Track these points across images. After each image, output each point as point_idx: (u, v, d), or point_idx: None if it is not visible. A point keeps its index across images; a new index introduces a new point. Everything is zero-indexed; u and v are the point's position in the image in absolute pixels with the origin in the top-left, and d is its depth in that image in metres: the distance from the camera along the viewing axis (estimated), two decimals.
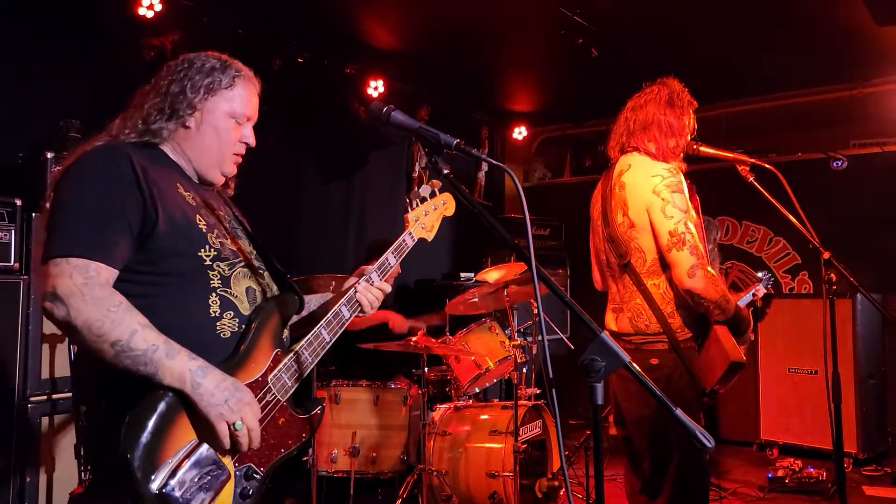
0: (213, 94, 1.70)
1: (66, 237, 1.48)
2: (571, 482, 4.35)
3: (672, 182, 2.41)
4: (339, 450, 3.73)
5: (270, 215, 4.90)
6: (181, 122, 1.68)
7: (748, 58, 5.27)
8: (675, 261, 2.36)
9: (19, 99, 3.61)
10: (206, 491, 1.45)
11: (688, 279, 2.33)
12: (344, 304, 1.83)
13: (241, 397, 1.52)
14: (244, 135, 1.76)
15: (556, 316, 5.72)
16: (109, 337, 1.43)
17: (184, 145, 1.71)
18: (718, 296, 2.36)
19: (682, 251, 2.35)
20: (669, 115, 2.53)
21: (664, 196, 2.38)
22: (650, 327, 2.46)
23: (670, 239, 2.37)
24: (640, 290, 2.48)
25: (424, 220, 2.07)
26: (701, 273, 2.33)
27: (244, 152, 1.80)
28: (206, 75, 1.70)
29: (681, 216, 2.37)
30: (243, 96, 1.75)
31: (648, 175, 2.44)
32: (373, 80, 5.30)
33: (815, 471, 4.59)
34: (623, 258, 2.52)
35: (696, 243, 2.35)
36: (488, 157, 1.69)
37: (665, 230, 2.38)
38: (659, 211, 2.39)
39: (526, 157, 7.58)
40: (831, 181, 5.52)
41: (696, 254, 2.34)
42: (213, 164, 1.74)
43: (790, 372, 5.31)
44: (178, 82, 1.68)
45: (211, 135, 1.71)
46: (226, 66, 1.74)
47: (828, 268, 2.68)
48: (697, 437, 1.30)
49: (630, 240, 2.48)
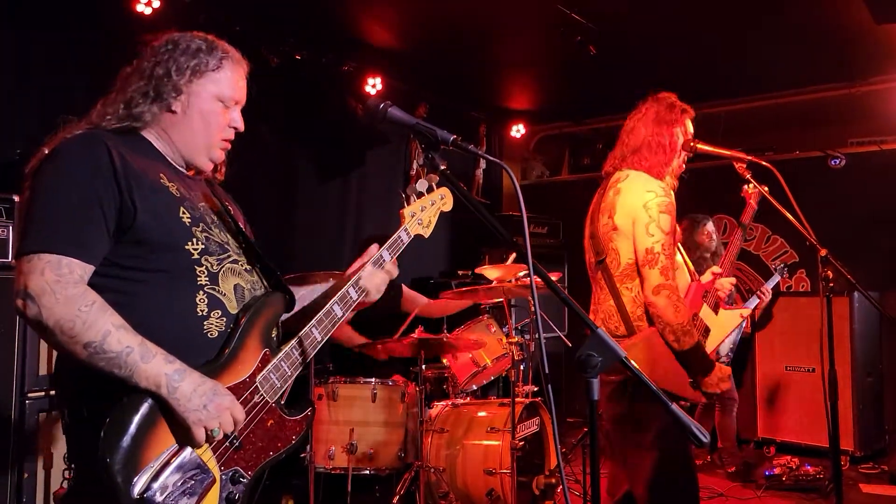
0: (200, 76, 1.62)
1: (39, 232, 1.42)
2: (568, 479, 4.36)
3: (663, 202, 2.43)
4: (336, 447, 3.73)
5: (267, 213, 4.90)
6: (166, 105, 1.61)
7: (746, 56, 5.28)
8: (645, 276, 2.40)
9: (17, 95, 3.61)
10: (189, 496, 1.40)
11: (651, 295, 2.36)
12: (336, 302, 1.74)
13: (219, 402, 1.45)
14: (232, 119, 1.68)
15: (554, 314, 5.72)
16: (81, 338, 1.37)
17: (170, 131, 1.63)
18: (676, 322, 2.34)
19: (654, 269, 2.38)
20: (658, 134, 2.55)
21: (652, 214, 2.41)
22: (619, 330, 2.48)
23: (645, 255, 2.40)
24: (612, 293, 2.51)
25: (421, 215, 1.96)
26: (666, 293, 2.35)
27: (233, 137, 1.72)
28: (192, 57, 1.63)
29: (661, 237, 2.39)
30: (231, 78, 1.67)
31: (644, 189, 2.47)
32: (371, 78, 5.30)
33: (813, 468, 4.61)
34: (599, 255, 2.56)
35: (668, 266, 2.38)
36: (485, 154, 1.68)
37: (643, 246, 2.41)
38: (643, 226, 2.42)
39: (524, 156, 7.58)
40: (829, 179, 5.52)
41: (665, 275, 2.37)
42: (201, 150, 1.67)
43: (787, 370, 5.32)
44: (163, 64, 1.61)
45: (198, 119, 1.63)
46: (212, 48, 1.66)
47: (825, 265, 2.69)
48: (693, 434, 1.30)
49: (609, 240, 2.51)
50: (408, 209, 1.92)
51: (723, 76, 5.61)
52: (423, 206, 1.97)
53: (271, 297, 1.68)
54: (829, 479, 4.42)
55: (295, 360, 1.66)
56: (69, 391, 1.52)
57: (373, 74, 5.30)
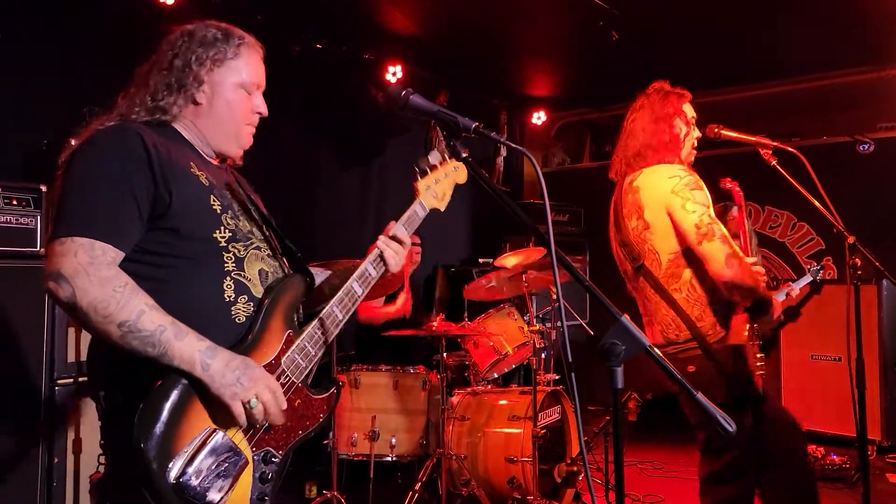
0: (220, 65, 1.65)
1: (72, 217, 1.44)
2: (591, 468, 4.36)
3: (690, 181, 2.38)
4: (358, 433, 3.76)
5: (287, 202, 4.92)
6: (190, 96, 1.63)
7: (773, 40, 5.17)
8: (709, 253, 2.31)
9: (43, 87, 3.66)
10: (224, 478, 1.43)
11: (727, 270, 2.27)
12: (356, 280, 1.74)
13: (252, 374, 1.47)
14: (256, 104, 1.71)
15: (576, 302, 5.70)
16: (116, 318, 1.39)
17: (197, 122, 1.66)
18: (755, 282, 2.31)
19: (714, 241, 2.30)
20: (658, 132, 2.50)
21: (683, 195, 2.35)
22: (680, 336, 2.42)
23: (698, 231, 2.31)
24: (664, 299, 2.44)
25: (436, 188, 1.90)
26: (737, 262, 2.28)
27: (257, 122, 1.75)
28: (210, 46, 1.65)
29: (704, 209, 2.33)
30: (250, 64, 1.69)
31: (665, 177, 2.41)
32: (391, 66, 5.29)
33: (839, 458, 4.55)
34: (636, 261, 2.49)
35: (724, 233, 2.32)
36: (507, 141, 1.67)
37: (691, 224, 2.33)
38: (680, 208, 2.35)
39: (545, 143, 7.54)
40: (858, 165, 5.42)
41: (727, 243, 2.30)
42: (231, 138, 1.70)
43: (813, 359, 5.25)
44: (181, 56, 1.63)
45: (224, 109, 1.66)
46: (228, 35, 1.68)
47: (853, 253, 2.64)
48: (719, 423, 1.29)
49: (643, 242, 2.45)
50: (422, 182, 1.87)
51: (748, 60, 5.51)
52: (437, 179, 1.91)
53: (292, 279, 1.70)
54: (856, 469, 4.37)
55: (318, 339, 1.68)
56: (103, 377, 1.54)
57: (393, 62, 5.29)
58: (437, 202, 1.92)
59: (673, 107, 2.52)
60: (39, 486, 2.86)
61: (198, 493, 1.38)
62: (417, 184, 1.87)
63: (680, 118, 2.52)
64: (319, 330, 1.68)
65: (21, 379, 2.86)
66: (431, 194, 1.90)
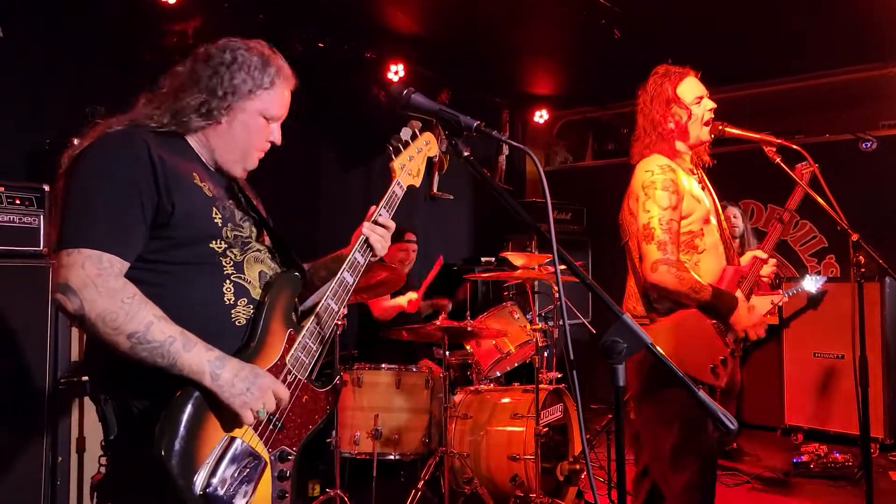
0: (252, 95, 1.65)
1: (79, 226, 1.44)
2: (593, 465, 4.36)
3: (659, 179, 2.41)
4: (361, 432, 3.77)
5: (290, 200, 4.93)
6: (214, 119, 1.63)
7: (775, 38, 5.17)
8: (642, 254, 2.40)
9: (45, 87, 3.66)
10: (247, 483, 1.47)
11: (651, 273, 2.35)
12: (346, 270, 1.75)
13: (261, 383, 1.50)
14: (272, 133, 1.72)
15: (578, 300, 5.70)
16: (125, 329, 1.40)
17: (211, 138, 1.66)
18: (685, 288, 2.34)
19: (650, 245, 2.37)
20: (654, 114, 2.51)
21: (648, 192, 2.41)
22: (637, 309, 2.51)
23: (641, 232, 2.40)
24: (634, 273, 2.54)
25: (410, 165, 1.92)
26: (664, 268, 2.33)
27: (268, 149, 1.75)
28: (248, 75, 1.63)
29: (658, 212, 2.37)
30: (279, 97, 1.70)
31: (643, 170, 2.48)
32: (393, 65, 5.29)
33: (841, 456, 4.55)
34: (622, 239, 2.59)
35: (665, 241, 2.35)
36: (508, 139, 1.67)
37: (641, 223, 2.41)
38: (640, 205, 2.42)
39: (547, 141, 7.53)
40: (860, 163, 5.41)
41: (662, 249, 2.35)
42: (238, 160, 1.70)
43: (815, 356, 5.24)
44: (219, 78, 1.61)
45: (241, 132, 1.66)
46: (266, 64, 1.67)
47: (856, 250, 2.64)
48: (720, 420, 1.29)
49: (629, 224, 2.53)
50: (396, 161, 1.89)
51: (751, 58, 5.50)
52: (410, 156, 1.93)
53: (287, 277, 1.71)
54: (859, 467, 4.37)
55: (318, 334, 1.70)
56: (105, 381, 1.54)
57: (395, 61, 5.29)
58: (413, 179, 1.95)
59: (668, 94, 2.52)
60: (43, 485, 2.87)
61: (225, 500, 1.42)
62: (393, 163, 1.89)
63: (677, 105, 2.51)
64: (318, 325, 1.70)
65: (24, 378, 2.86)
66: (407, 172, 1.92)
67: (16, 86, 3.55)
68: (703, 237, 2.49)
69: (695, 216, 2.47)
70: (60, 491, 2.91)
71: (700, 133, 2.54)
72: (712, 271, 2.49)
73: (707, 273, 2.46)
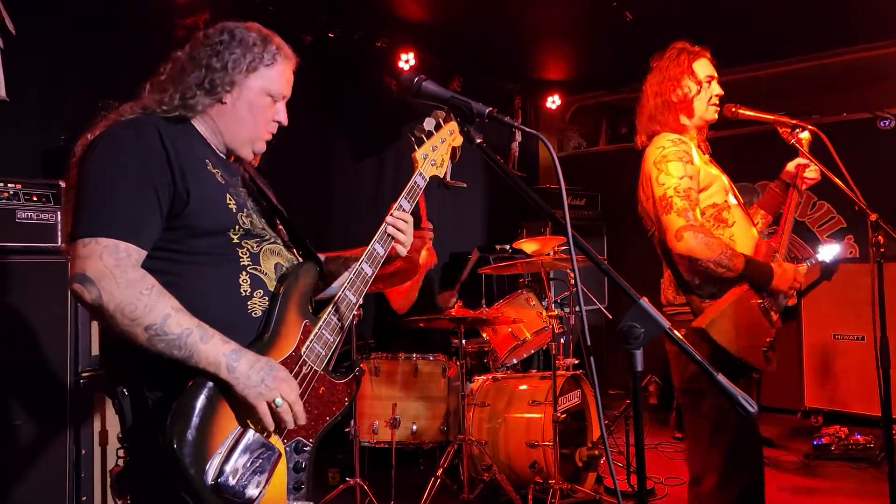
0: (254, 70, 1.64)
1: (95, 216, 1.43)
2: (611, 451, 4.35)
3: (671, 151, 2.36)
4: (379, 421, 3.79)
5: (303, 190, 4.94)
6: (218, 97, 1.62)
7: (789, 16, 5.08)
8: (664, 226, 2.32)
9: (58, 83, 3.68)
10: (260, 473, 1.46)
11: (676, 242, 2.27)
12: (365, 261, 1.74)
13: (276, 375, 1.49)
14: (277, 112, 1.71)
15: (594, 286, 5.68)
16: (143, 321, 1.39)
17: (217, 120, 1.65)
18: (716, 254, 2.25)
19: (669, 214, 2.29)
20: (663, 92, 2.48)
21: (660, 166, 2.36)
22: (677, 298, 2.45)
23: (658, 205, 2.33)
24: (667, 261, 2.46)
25: (434, 155, 1.88)
26: (689, 234, 2.24)
27: (276, 131, 1.74)
28: (248, 51, 1.63)
29: (673, 182, 2.31)
30: (281, 74, 1.68)
31: (654, 147, 2.43)
32: (404, 54, 5.27)
33: (863, 438, 4.52)
34: (649, 230, 2.52)
35: (684, 206, 2.28)
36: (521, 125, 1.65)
37: (657, 197, 2.35)
38: (655, 181, 2.37)
39: (560, 127, 7.48)
40: (878, 141, 5.32)
41: (684, 216, 2.27)
42: (246, 141, 1.68)
43: (835, 338, 5.20)
44: (219, 56, 1.61)
45: (245, 111, 1.65)
46: (266, 42, 1.66)
47: (875, 230, 2.60)
48: (740, 403, 1.28)
49: (649, 209, 2.47)
50: (419, 151, 1.85)
51: (764, 38, 5.42)
52: (433, 146, 1.88)
53: (303, 268, 1.70)
54: (880, 449, 4.33)
55: (335, 325, 1.68)
56: (122, 373, 1.54)
57: (406, 49, 5.27)
58: (437, 169, 1.90)
59: (682, 66, 2.48)
60: (68, 478, 2.91)
61: (237, 491, 1.41)
62: (415, 154, 1.85)
63: (689, 77, 2.47)
64: (335, 316, 1.68)
65: (46, 373, 2.90)
66: (430, 162, 1.88)
67: (30, 83, 3.57)
68: (730, 210, 2.43)
69: (715, 187, 2.42)
70: (85, 483, 2.95)
71: (705, 112, 2.51)
72: (748, 246, 2.41)
73: (743, 249, 2.37)
